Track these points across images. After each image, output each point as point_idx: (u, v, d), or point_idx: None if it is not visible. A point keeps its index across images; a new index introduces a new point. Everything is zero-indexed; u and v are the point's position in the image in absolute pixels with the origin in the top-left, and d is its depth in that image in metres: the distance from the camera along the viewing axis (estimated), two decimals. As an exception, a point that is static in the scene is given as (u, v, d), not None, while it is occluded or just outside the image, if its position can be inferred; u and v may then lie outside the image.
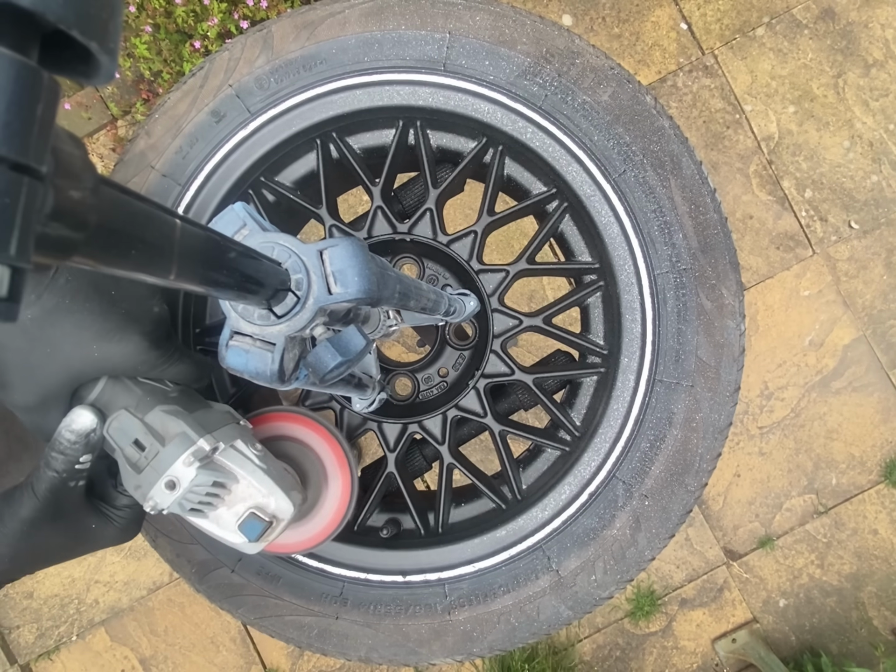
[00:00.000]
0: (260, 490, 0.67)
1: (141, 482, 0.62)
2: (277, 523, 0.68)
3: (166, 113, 0.99)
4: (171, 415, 0.64)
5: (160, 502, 0.61)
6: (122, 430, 0.63)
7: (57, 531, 0.67)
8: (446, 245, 1.03)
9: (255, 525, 0.66)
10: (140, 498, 0.62)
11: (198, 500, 0.63)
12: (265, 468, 0.68)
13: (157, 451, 0.61)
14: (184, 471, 0.61)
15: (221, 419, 0.69)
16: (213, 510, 0.66)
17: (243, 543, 0.67)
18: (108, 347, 0.62)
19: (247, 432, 0.71)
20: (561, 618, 0.95)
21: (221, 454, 0.66)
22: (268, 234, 0.52)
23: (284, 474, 0.73)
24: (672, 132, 0.94)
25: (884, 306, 2.27)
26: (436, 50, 0.96)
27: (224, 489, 0.66)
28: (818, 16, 2.25)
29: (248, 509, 0.67)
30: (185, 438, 0.62)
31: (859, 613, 2.29)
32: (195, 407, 0.68)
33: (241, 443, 0.68)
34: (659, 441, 0.93)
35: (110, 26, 0.27)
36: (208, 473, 0.63)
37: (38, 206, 0.25)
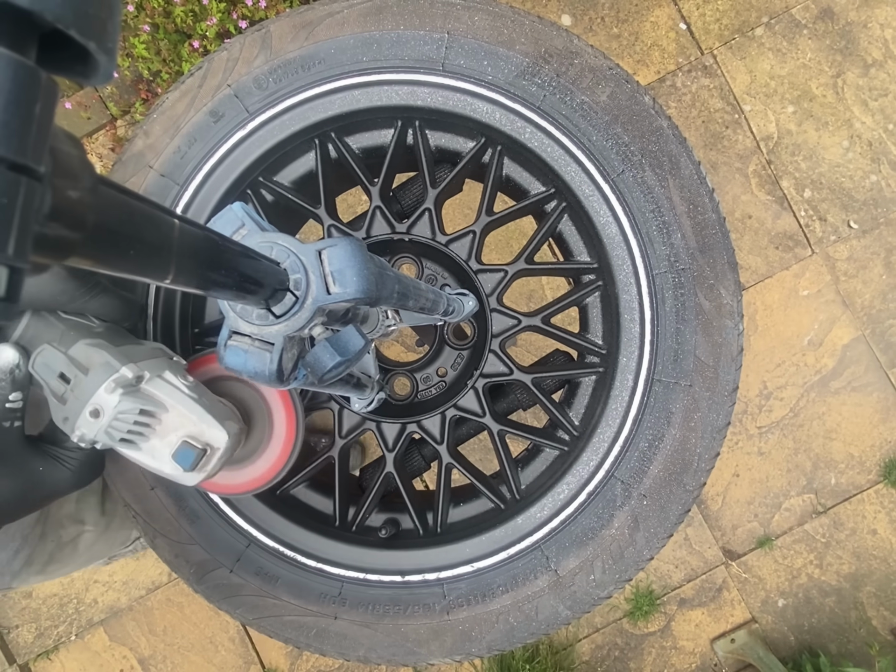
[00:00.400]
0: (190, 418, 0.66)
1: (67, 413, 0.62)
2: (212, 452, 0.68)
3: (165, 113, 0.99)
4: (94, 346, 0.64)
5: (87, 432, 0.62)
6: (47, 365, 0.64)
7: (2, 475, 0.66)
8: (445, 245, 1.03)
9: (188, 453, 0.66)
10: (68, 430, 0.62)
11: (126, 430, 0.63)
12: (195, 397, 0.67)
13: (81, 381, 0.61)
14: (107, 398, 0.61)
15: (150, 353, 0.69)
16: (145, 440, 0.66)
17: (180, 474, 0.67)
18: None
19: (177, 366, 0.71)
20: (559, 617, 0.95)
21: (148, 384, 0.65)
22: (266, 234, 0.52)
23: (218, 405, 0.72)
24: (671, 132, 0.94)
25: (883, 306, 2.27)
26: (434, 50, 0.96)
27: (153, 418, 0.65)
28: (817, 16, 2.25)
29: (180, 438, 0.66)
30: (107, 367, 0.62)
31: (858, 613, 2.29)
32: (122, 342, 0.68)
33: (170, 373, 0.68)
34: (657, 440, 0.93)
35: (108, 26, 0.27)
36: (133, 400, 0.62)
37: (37, 205, 0.25)
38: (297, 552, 0.97)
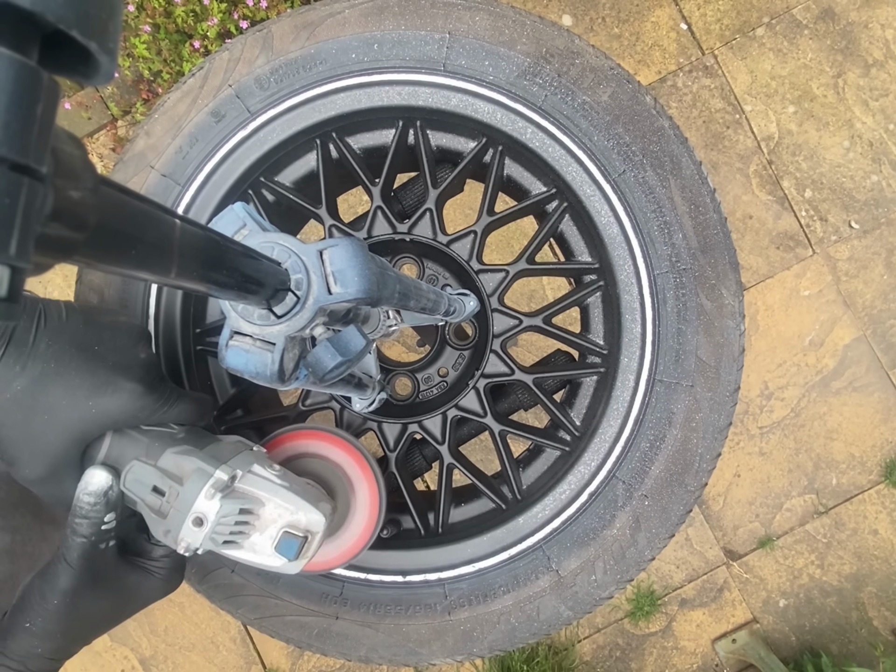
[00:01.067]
0: (287, 508, 0.66)
1: (169, 526, 0.61)
2: (312, 537, 0.68)
3: (166, 113, 0.99)
4: (182, 454, 0.63)
5: (192, 541, 0.61)
6: (139, 481, 0.63)
7: (100, 596, 0.66)
8: (446, 245, 1.03)
9: (291, 543, 0.66)
10: (171, 542, 0.61)
11: (228, 532, 0.63)
12: (287, 485, 0.67)
13: (178, 492, 0.61)
14: (207, 504, 0.60)
15: (234, 449, 0.69)
16: (247, 538, 0.66)
17: (284, 564, 0.67)
18: (103, 401, 0.62)
19: (261, 456, 0.71)
20: (561, 618, 0.95)
21: (241, 481, 0.65)
22: (268, 234, 0.52)
23: (308, 488, 0.72)
24: (672, 132, 0.94)
25: (884, 306, 2.27)
26: (435, 50, 0.96)
27: (252, 515, 0.65)
28: (818, 16, 2.25)
29: (280, 529, 0.66)
30: (201, 473, 0.61)
31: (859, 614, 2.29)
32: (205, 443, 0.68)
33: (258, 466, 0.67)
34: (659, 441, 0.93)
35: (110, 26, 0.27)
36: (232, 502, 0.62)
37: (38, 206, 0.25)
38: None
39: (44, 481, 0.64)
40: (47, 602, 0.63)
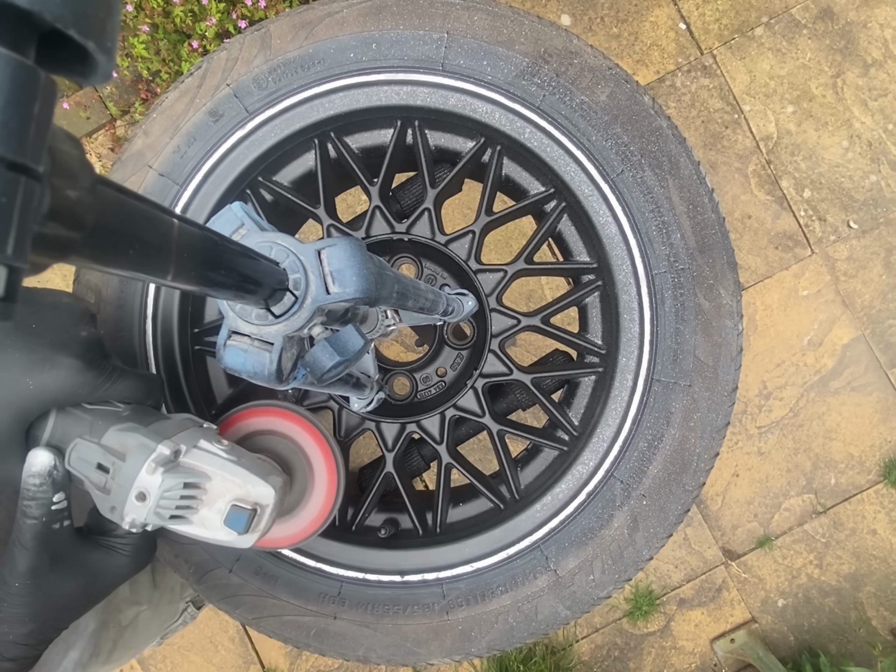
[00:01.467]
0: (234, 481, 0.66)
1: (113, 502, 0.62)
2: (262, 510, 0.68)
3: (164, 112, 0.99)
4: (126, 431, 0.63)
5: (136, 517, 0.61)
6: (83, 459, 0.63)
7: (62, 576, 0.66)
8: (444, 245, 1.03)
9: (239, 516, 0.66)
10: (118, 518, 0.62)
11: (174, 506, 0.63)
12: (235, 459, 0.67)
13: (121, 468, 0.61)
14: (149, 479, 0.60)
15: (180, 425, 0.69)
16: (195, 513, 0.66)
17: (235, 538, 0.67)
18: (41, 378, 0.62)
19: (210, 432, 0.71)
20: (559, 617, 0.95)
21: (186, 456, 0.65)
22: (266, 234, 0.52)
23: (259, 462, 0.72)
24: (670, 132, 0.94)
25: (882, 306, 2.27)
26: (434, 50, 0.96)
27: (198, 489, 0.65)
28: (817, 16, 2.25)
29: (228, 503, 0.66)
30: (143, 448, 0.61)
31: (858, 613, 2.30)
32: (150, 420, 0.68)
33: (205, 441, 0.68)
34: (657, 440, 0.93)
35: (108, 26, 0.27)
36: (176, 476, 0.62)
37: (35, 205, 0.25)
38: (297, 552, 0.97)
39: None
40: (9, 586, 0.64)
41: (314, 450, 0.84)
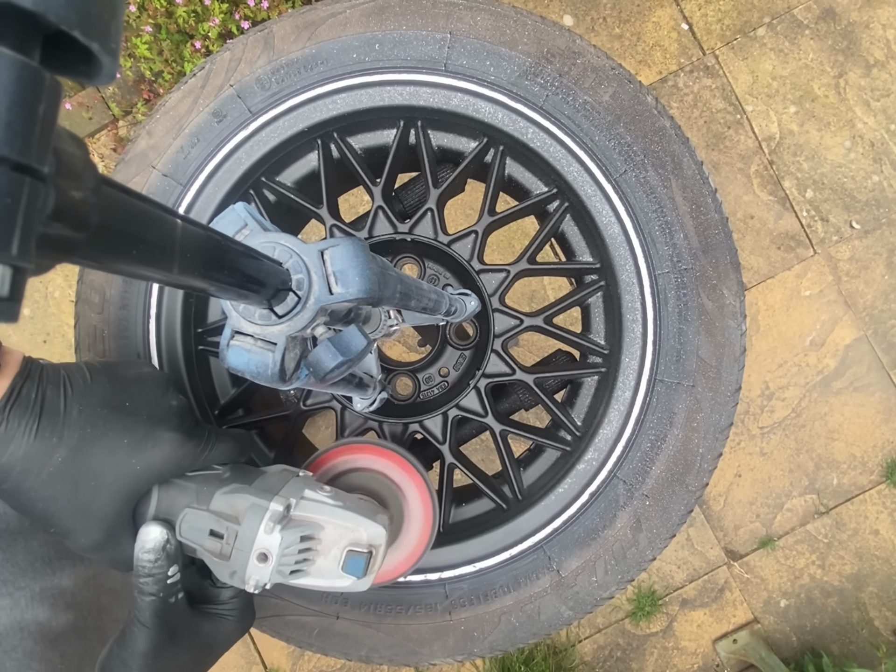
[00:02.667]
0: (347, 526, 0.66)
1: (234, 567, 0.61)
2: (377, 550, 0.67)
3: (167, 113, 0.99)
4: (233, 493, 0.63)
5: (260, 578, 0.61)
6: (194, 528, 0.63)
7: (179, 651, 0.66)
8: (447, 245, 1.03)
9: (357, 561, 0.65)
10: (239, 583, 0.61)
11: (294, 561, 0.63)
12: (342, 504, 0.67)
13: (236, 532, 0.61)
14: (268, 539, 0.60)
15: (282, 478, 0.69)
16: (312, 565, 0.65)
17: (353, 583, 0.67)
18: (146, 456, 0.62)
19: (310, 480, 0.71)
20: (562, 618, 0.95)
21: (296, 509, 0.65)
22: (269, 234, 0.52)
23: (362, 503, 0.72)
24: (673, 132, 0.94)
25: (885, 306, 2.27)
26: (437, 50, 0.96)
27: (313, 540, 0.65)
28: (819, 16, 2.25)
29: (344, 549, 0.66)
30: (257, 509, 0.61)
31: (860, 614, 2.29)
32: (252, 477, 0.68)
33: (310, 491, 0.67)
34: (660, 441, 0.93)
35: (112, 27, 0.27)
36: (292, 531, 0.62)
37: (40, 206, 0.25)
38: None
39: (101, 547, 0.63)
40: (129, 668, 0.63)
41: (400, 475, 0.83)
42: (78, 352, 0.98)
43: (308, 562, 0.65)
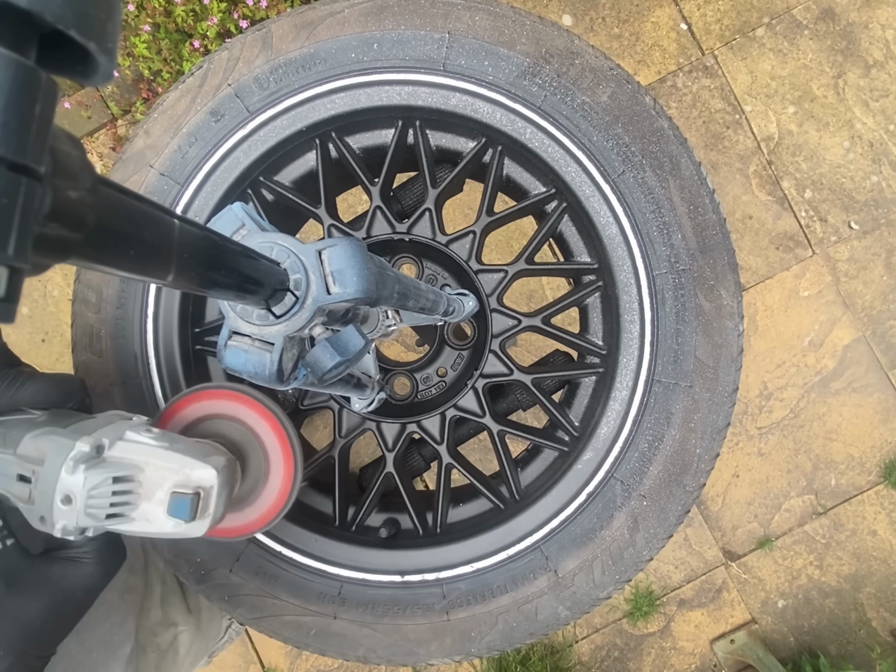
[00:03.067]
0: (169, 467, 0.61)
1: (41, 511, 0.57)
2: (207, 493, 0.63)
3: (165, 112, 0.99)
4: (42, 435, 0.59)
5: (67, 522, 0.56)
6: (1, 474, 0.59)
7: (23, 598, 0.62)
8: (445, 245, 1.03)
9: (181, 503, 0.60)
10: (49, 528, 0.57)
11: (108, 504, 0.58)
12: (167, 445, 0.62)
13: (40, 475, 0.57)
14: (71, 479, 0.56)
15: (104, 421, 0.64)
16: (134, 509, 0.61)
17: (183, 528, 0.62)
18: None
19: (138, 424, 0.66)
20: (559, 618, 0.95)
21: (112, 450, 0.60)
22: (266, 234, 0.52)
23: (196, 445, 0.67)
24: (671, 133, 0.94)
25: (883, 307, 2.27)
26: (435, 50, 0.96)
27: (132, 482, 0.60)
28: (818, 16, 2.25)
29: (168, 492, 0.61)
30: (60, 449, 0.57)
31: (858, 615, 2.29)
32: (71, 421, 0.63)
33: (131, 433, 0.62)
34: (657, 441, 0.93)
35: (108, 26, 0.27)
36: (100, 471, 0.57)
37: (37, 206, 0.25)
38: (297, 552, 0.97)
39: None
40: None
41: (266, 431, 0.78)
42: (75, 351, 0.98)
43: (128, 506, 0.60)
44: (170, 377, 0.98)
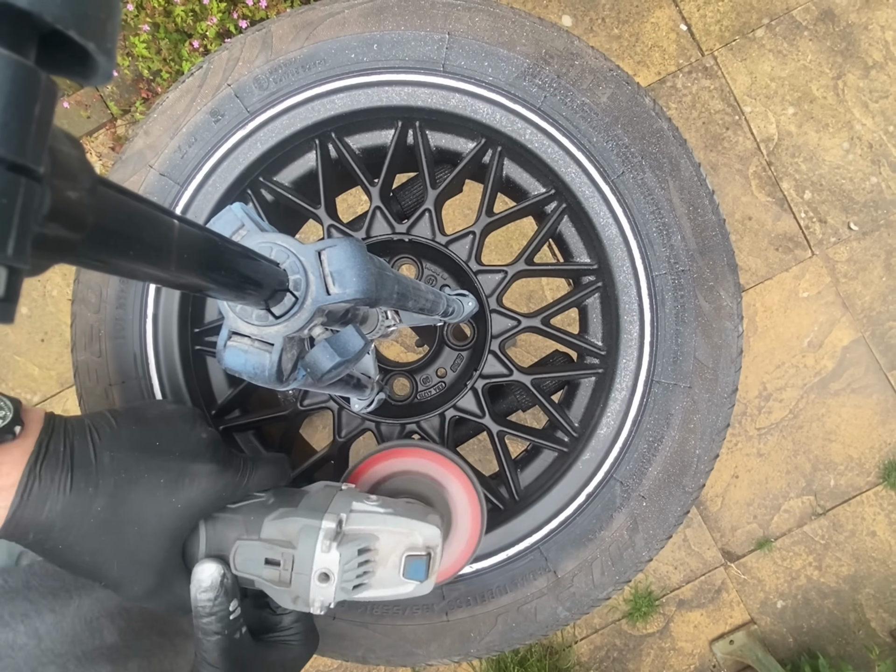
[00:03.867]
0: (401, 532, 0.65)
1: (296, 592, 0.60)
2: (434, 551, 0.66)
3: (165, 112, 0.99)
4: (282, 518, 0.63)
5: (324, 599, 0.59)
6: (249, 559, 0.62)
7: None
8: (445, 245, 1.03)
9: (417, 565, 0.65)
10: (304, 606, 0.60)
11: (355, 576, 0.62)
12: (392, 511, 0.66)
13: (292, 556, 0.60)
14: (327, 558, 0.59)
15: (327, 495, 0.68)
16: (373, 576, 0.64)
17: (417, 587, 0.66)
18: (185, 493, 0.61)
19: (354, 492, 0.70)
20: (558, 619, 0.95)
21: (348, 524, 0.64)
22: (266, 235, 0.52)
23: (411, 506, 0.71)
24: (671, 134, 0.94)
25: (883, 308, 2.27)
26: (435, 50, 0.96)
27: (370, 552, 0.64)
28: (818, 17, 2.25)
29: (402, 556, 0.65)
30: (310, 530, 0.60)
31: (857, 615, 2.30)
32: (297, 499, 0.67)
33: (357, 503, 0.66)
34: (656, 442, 0.93)
35: (108, 27, 0.27)
36: (349, 546, 0.61)
37: (36, 206, 0.25)
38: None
39: (154, 593, 0.62)
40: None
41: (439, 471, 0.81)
42: (74, 351, 0.98)
43: (369, 574, 0.64)
44: (169, 377, 0.98)
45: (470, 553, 0.80)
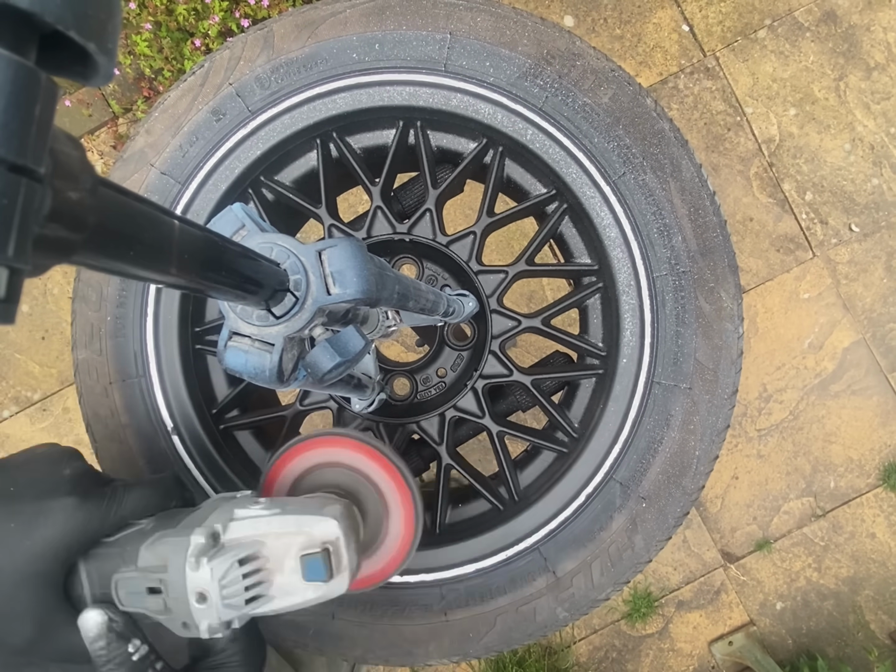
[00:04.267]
0: (289, 531, 0.58)
1: (181, 618, 0.55)
2: (335, 546, 0.60)
3: (166, 111, 0.99)
4: (156, 542, 0.58)
5: (210, 620, 0.54)
6: (131, 593, 0.57)
7: None
8: (446, 245, 1.03)
9: (314, 563, 0.58)
10: (196, 632, 0.55)
11: (244, 588, 0.56)
12: (278, 511, 0.60)
13: (167, 582, 0.55)
14: (198, 576, 0.54)
15: (210, 508, 0.62)
16: (270, 587, 0.58)
17: (325, 590, 0.60)
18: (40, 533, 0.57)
19: (243, 499, 0.64)
20: (557, 619, 0.95)
21: (227, 534, 0.58)
22: (266, 235, 0.52)
23: (307, 501, 0.65)
24: (672, 135, 0.94)
25: (883, 309, 2.27)
26: (437, 50, 0.96)
27: (258, 560, 0.58)
28: (820, 18, 2.25)
29: (296, 558, 0.58)
30: (177, 549, 0.55)
31: (856, 617, 2.29)
32: (179, 519, 0.61)
33: (240, 510, 0.60)
34: (656, 443, 0.93)
35: (108, 27, 0.27)
36: (223, 559, 0.55)
37: (36, 207, 0.25)
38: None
39: (38, 643, 0.57)
40: None
41: (376, 471, 0.74)
42: (75, 349, 0.98)
43: (264, 584, 0.58)
44: (169, 376, 0.98)
45: (401, 559, 0.73)
